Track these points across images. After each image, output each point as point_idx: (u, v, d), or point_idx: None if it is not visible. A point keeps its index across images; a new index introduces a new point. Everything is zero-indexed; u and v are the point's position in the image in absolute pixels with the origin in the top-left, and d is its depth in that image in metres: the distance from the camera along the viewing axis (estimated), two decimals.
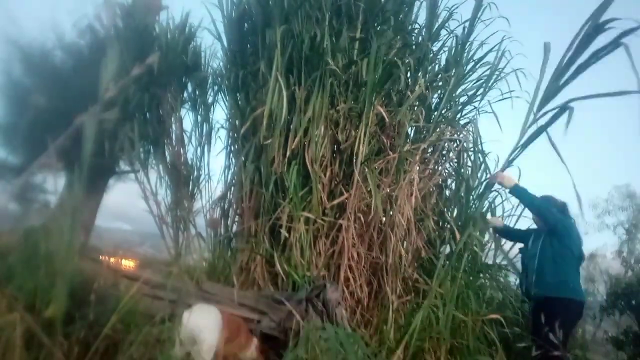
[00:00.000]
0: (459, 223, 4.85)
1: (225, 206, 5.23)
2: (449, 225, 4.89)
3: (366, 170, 4.51)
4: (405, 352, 3.96)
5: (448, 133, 5.19)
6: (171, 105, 5.58)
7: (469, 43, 5.30)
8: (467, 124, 5.38)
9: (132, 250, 5.16)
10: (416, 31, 5.46)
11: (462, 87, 5.39)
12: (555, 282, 4.10)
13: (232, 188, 5.22)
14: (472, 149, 5.23)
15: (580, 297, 4.15)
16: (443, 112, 5.20)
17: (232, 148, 5.34)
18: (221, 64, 5.56)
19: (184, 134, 5.64)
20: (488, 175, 4.41)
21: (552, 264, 4.17)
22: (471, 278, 4.73)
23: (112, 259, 3.93)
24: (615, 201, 14.52)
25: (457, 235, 4.63)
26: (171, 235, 5.36)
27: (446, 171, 5.40)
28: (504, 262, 5.05)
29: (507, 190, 4.48)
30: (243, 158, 4.87)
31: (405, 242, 4.70)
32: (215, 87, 5.64)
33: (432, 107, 5.22)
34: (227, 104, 5.48)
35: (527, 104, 4.10)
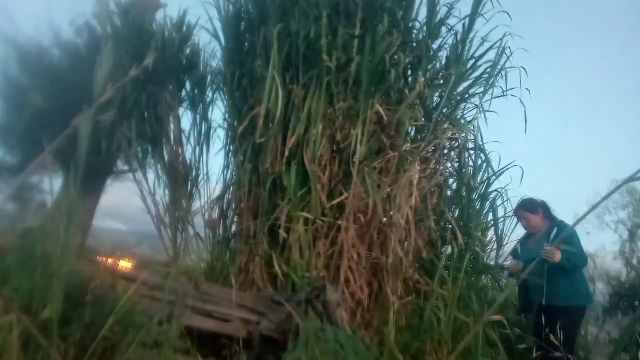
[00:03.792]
0: (461, 223, 4.82)
1: (224, 206, 5.19)
2: (450, 226, 4.87)
3: (366, 170, 4.48)
4: (407, 354, 3.94)
5: (449, 132, 5.15)
6: (169, 104, 5.55)
7: (469, 40, 5.26)
8: (468, 123, 5.35)
9: (130, 251, 5.12)
10: (417, 29, 5.42)
11: (464, 85, 5.35)
12: (571, 290, 4.09)
13: (231, 188, 5.18)
14: (473, 149, 5.20)
15: (591, 303, 4.18)
16: (444, 111, 5.16)
17: (231, 147, 5.30)
18: (221, 63, 5.53)
19: (182, 133, 5.60)
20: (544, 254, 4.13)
21: (564, 272, 4.16)
22: (473, 279, 4.70)
23: (109, 260, 3.90)
24: (615, 198, 14.34)
25: (459, 236, 4.61)
26: (169, 236, 5.33)
27: (447, 171, 5.37)
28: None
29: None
30: (241, 158, 4.84)
31: (406, 243, 4.67)
32: (214, 86, 5.60)
33: (433, 105, 5.19)
34: (225, 103, 5.45)
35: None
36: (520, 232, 4.98)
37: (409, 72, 5.13)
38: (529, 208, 4.70)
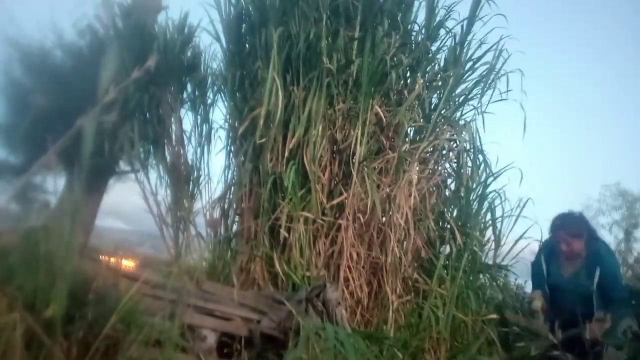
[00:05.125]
0: (459, 223, 4.86)
1: (225, 206, 5.22)
2: (448, 225, 4.90)
3: (365, 170, 4.52)
4: (405, 352, 3.97)
5: (448, 133, 5.18)
6: (171, 105, 5.58)
7: (467, 42, 5.29)
8: (466, 123, 5.38)
9: (132, 250, 5.15)
10: (415, 31, 5.46)
11: (462, 86, 5.38)
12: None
13: (232, 188, 5.22)
14: (471, 149, 5.23)
15: None
16: (442, 112, 5.19)
17: (232, 148, 5.34)
18: (222, 64, 5.57)
19: (183, 134, 5.64)
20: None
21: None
22: (471, 278, 4.74)
23: (112, 259, 3.93)
24: (608, 201, 14.36)
25: (457, 236, 4.65)
26: (171, 235, 5.36)
27: (446, 171, 5.41)
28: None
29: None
30: (242, 158, 4.88)
31: (405, 242, 4.70)
32: (215, 88, 5.64)
33: (432, 107, 5.22)
34: (226, 104, 5.48)
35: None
36: (518, 231, 5.01)
37: (408, 74, 5.17)
38: (577, 233, 4.01)
